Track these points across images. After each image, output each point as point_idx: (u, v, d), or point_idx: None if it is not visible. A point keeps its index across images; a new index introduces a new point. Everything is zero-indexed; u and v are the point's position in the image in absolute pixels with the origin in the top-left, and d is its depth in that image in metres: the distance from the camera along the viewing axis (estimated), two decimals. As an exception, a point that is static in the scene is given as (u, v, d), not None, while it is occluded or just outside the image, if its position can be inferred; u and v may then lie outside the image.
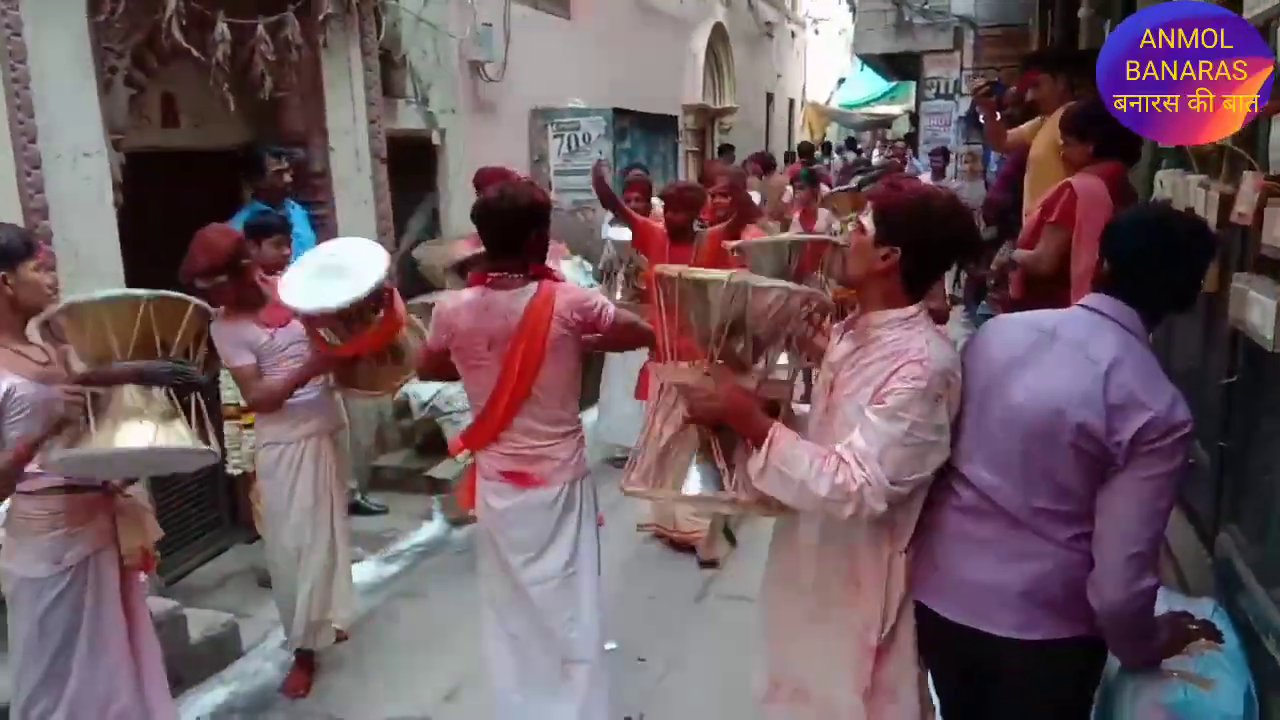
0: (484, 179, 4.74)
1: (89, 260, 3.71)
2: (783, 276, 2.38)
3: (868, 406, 1.91)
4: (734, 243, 3.49)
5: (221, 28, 4.17)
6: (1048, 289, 3.32)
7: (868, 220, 2.00)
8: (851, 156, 10.75)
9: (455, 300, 2.82)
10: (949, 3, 13.64)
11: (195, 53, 4.10)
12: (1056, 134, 3.70)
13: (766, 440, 1.93)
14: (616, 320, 2.80)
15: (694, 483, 2.07)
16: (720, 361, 2.04)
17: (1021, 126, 4.65)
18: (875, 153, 21.71)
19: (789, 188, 8.93)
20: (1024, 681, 1.97)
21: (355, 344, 3.24)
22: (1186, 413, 1.82)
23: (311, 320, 3.19)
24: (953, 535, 2.00)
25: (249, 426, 4.04)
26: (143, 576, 2.89)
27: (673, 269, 2.09)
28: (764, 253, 2.76)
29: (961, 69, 14.47)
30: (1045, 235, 3.42)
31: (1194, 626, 2.13)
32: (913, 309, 1.99)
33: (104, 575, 2.67)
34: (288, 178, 4.70)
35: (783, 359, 2.22)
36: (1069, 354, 1.89)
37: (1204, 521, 2.90)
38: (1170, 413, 1.80)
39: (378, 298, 3.17)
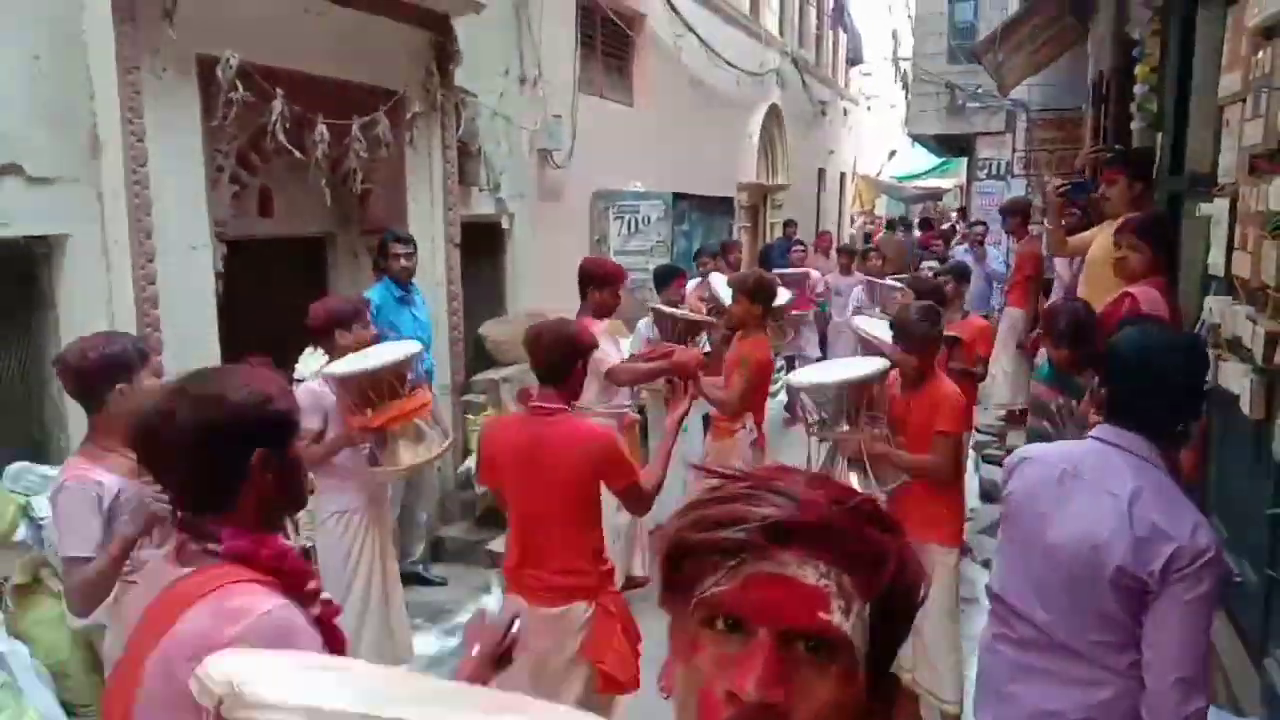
0: (589, 268, 4.83)
1: (193, 346, 3.98)
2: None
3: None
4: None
5: (321, 129, 4.50)
6: None
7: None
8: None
9: None
10: (1002, 87, 13.82)
11: (295, 152, 4.43)
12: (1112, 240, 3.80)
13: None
14: None
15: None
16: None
17: (1084, 234, 4.70)
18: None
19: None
20: None
21: (382, 415, 3.48)
22: (1209, 538, 1.89)
23: (346, 386, 3.49)
24: (1014, 665, 2.08)
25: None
26: None
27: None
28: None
29: (1014, 150, 14.61)
30: None
31: (1244, 748, 2.22)
32: None
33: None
34: (412, 262, 5.02)
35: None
36: (1091, 491, 1.98)
37: (1252, 641, 2.95)
38: (1193, 540, 1.87)
39: (401, 376, 3.52)
